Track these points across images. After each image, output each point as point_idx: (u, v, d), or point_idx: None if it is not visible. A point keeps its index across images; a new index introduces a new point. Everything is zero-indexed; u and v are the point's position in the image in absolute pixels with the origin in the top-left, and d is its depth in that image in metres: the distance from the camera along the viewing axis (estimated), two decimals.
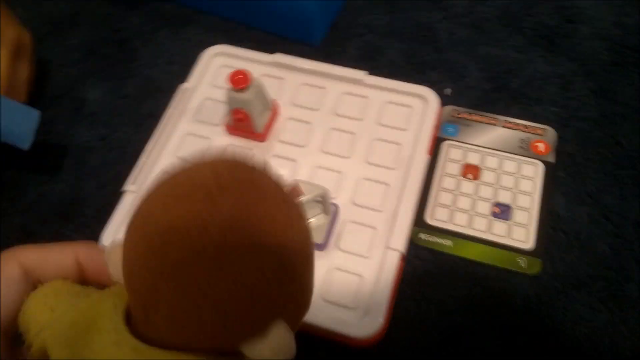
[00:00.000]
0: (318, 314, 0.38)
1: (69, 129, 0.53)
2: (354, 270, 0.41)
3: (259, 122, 0.46)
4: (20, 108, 0.44)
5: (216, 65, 0.52)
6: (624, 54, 0.53)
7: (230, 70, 0.46)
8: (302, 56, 0.52)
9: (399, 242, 0.41)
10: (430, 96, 0.48)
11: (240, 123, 0.46)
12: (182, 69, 0.55)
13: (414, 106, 0.48)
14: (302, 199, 0.39)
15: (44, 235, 0.47)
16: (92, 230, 0.45)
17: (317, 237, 0.41)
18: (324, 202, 0.41)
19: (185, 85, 0.51)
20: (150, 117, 0.52)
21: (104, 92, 0.55)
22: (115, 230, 0.43)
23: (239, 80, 0.43)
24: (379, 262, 0.41)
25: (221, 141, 0.48)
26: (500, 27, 0.56)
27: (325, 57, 0.52)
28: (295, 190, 0.39)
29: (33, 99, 0.53)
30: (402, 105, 0.48)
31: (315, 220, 0.42)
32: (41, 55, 0.58)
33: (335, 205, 0.43)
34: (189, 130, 0.49)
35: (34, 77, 0.53)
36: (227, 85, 0.43)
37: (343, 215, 0.43)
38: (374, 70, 0.52)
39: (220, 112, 0.49)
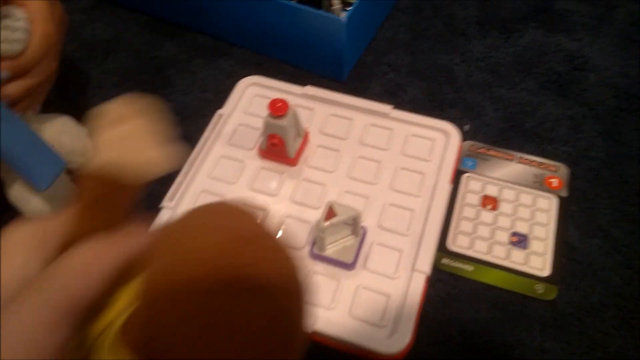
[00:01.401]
0: (346, 329, 0.40)
1: None
2: (381, 290, 0.43)
3: (292, 147, 0.49)
4: (50, 153, 0.42)
5: (250, 94, 0.56)
6: (629, 100, 0.57)
7: (263, 100, 0.49)
8: (329, 90, 0.55)
9: (425, 264, 0.43)
10: (452, 130, 0.51)
11: (274, 148, 0.49)
12: (215, 97, 0.58)
13: (437, 139, 0.51)
14: (335, 220, 0.41)
15: None
16: None
17: (346, 257, 0.43)
18: (355, 224, 0.43)
19: (221, 111, 0.54)
20: (185, 141, 0.55)
21: None
22: None
23: (279, 108, 0.46)
24: (405, 282, 0.43)
25: (254, 164, 0.51)
26: (514, 71, 0.60)
27: (350, 92, 0.56)
28: (330, 211, 0.42)
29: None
30: (425, 137, 0.52)
31: (344, 241, 0.44)
32: (78, 78, 0.61)
33: (363, 227, 0.45)
34: (224, 153, 0.51)
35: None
36: (266, 111, 0.46)
37: (370, 237, 0.45)
38: (397, 106, 0.55)
39: (253, 138, 0.52)
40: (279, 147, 0.48)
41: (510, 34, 0.63)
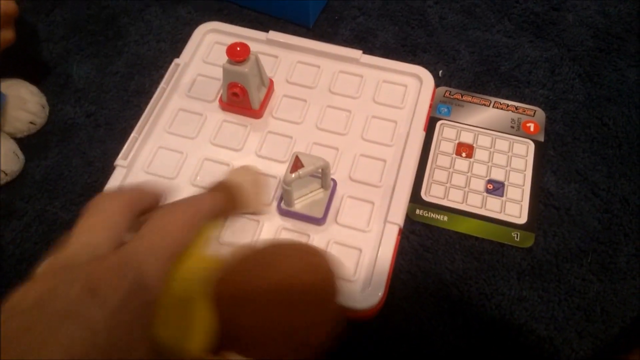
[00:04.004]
0: None
1: (54, 105, 0.51)
2: (352, 244, 0.40)
3: (255, 98, 0.46)
4: None
5: (209, 42, 0.52)
6: (608, 41, 0.54)
7: (223, 47, 0.45)
8: (297, 35, 0.52)
9: (397, 216, 0.41)
10: (425, 75, 0.48)
11: (236, 98, 0.45)
12: (171, 47, 0.54)
13: (409, 85, 0.49)
14: (302, 171, 0.38)
15: (28, 213, 0.45)
16: (80, 207, 0.43)
17: (316, 212, 0.41)
18: (324, 176, 0.41)
19: (178, 61, 0.50)
20: (138, 94, 0.51)
21: (90, 69, 0.53)
22: None
23: (239, 52, 0.43)
24: (377, 235, 0.41)
25: (215, 117, 0.47)
26: (490, 12, 0.57)
27: (318, 38, 0.52)
28: (296, 162, 0.39)
29: (17, 72, 0.51)
30: (398, 84, 0.49)
31: (313, 195, 0.42)
32: (24, 31, 0.55)
33: (333, 180, 0.43)
34: (182, 106, 0.48)
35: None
36: (224, 58, 0.43)
37: (341, 190, 0.43)
38: (368, 52, 0.52)
39: (213, 89, 0.49)
40: (241, 97, 0.45)
41: None
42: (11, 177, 0.46)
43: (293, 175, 0.38)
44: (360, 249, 0.40)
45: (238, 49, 0.43)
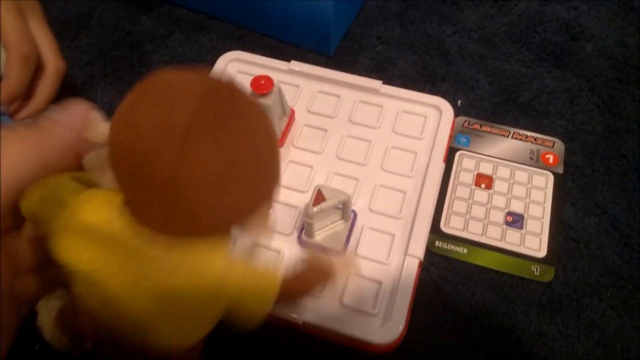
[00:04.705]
0: (337, 319, 0.38)
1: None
2: (372, 277, 0.41)
3: (277, 128, 0.47)
4: None
5: (232, 71, 0.53)
6: (627, 71, 0.55)
7: (246, 77, 0.47)
8: (315, 65, 0.53)
9: (418, 248, 0.41)
10: (444, 106, 0.49)
11: None
12: None
13: (429, 116, 0.49)
14: (324, 204, 0.39)
15: None
16: None
17: (336, 244, 0.41)
18: (345, 208, 0.41)
19: None
20: None
21: (114, 96, 0.55)
22: None
23: (263, 86, 0.43)
24: (397, 268, 0.41)
25: None
26: (509, 42, 0.57)
27: (337, 67, 0.53)
28: (318, 196, 0.40)
29: None
30: (417, 114, 0.49)
31: (334, 227, 0.42)
32: None
33: (353, 212, 0.43)
34: None
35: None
36: (249, 89, 0.44)
37: (361, 221, 0.43)
38: (387, 81, 0.53)
39: None
40: None
41: (505, 2, 0.60)
42: None
43: (315, 208, 0.39)
44: (381, 281, 0.41)
45: (262, 82, 0.44)
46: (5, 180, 0.22)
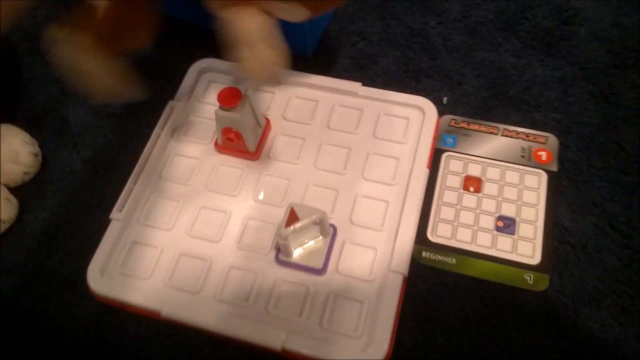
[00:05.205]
0: (317, 345, 0.36)
1: (51, 152, 0.51)
2: (354, 296, 0.39)
3: (251, 140, 0.44)
4: None
5: (204, 81, 0.50)
6: (624, 55, 0.51)
7: (219, 85, 0.44)
8: (293, 68, 0.50)
9: (402, 263, 0.39)
10: (427, 107, 0.46)
11: (231, 142, 0.44)
12: (169, 84, 0.53)
13: (411, 117, 0.46)
14: (298, 225, 0.37)
15: (28, 268, 0.45)
16: (79, 261, 0.43)
17: (315, 262, 0.39)
18: (322, 225, 0.39)
19: (172, 102, 0.48)
20: (136, 137, 0.50)
21: (86, 113, 0.53)
22: (103, 261, 0.41)
23: (229, 99, 0.41)
24: (380, 286, 0.39)
25: (212, 161, 0.46)
26: (496, 31, 0.54)
27: (316, 68, 0.51)
28: (291, 215, 0.37)
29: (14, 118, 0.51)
30: (399, 117, 0.47)
31: (313, 244, 0.40)
32: (19, 72, 0.55)
33: (333, 226, 0.41)
34: (177, 150, 0.47)
35: None
36: (216, 103, 0.41)
37: (342, 236, 0.41)
38: (368, 80, 0.50)
39: (210, 131, 0.47)
40: (236, 141, 0.44)
41: None
42: (9, 224, 0.46)
43: (288, 229, 0.37)
44: (363, 301, 0.38)
45: (229, 94, 0.41)
46: None
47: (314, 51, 0.54)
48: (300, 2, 0.39)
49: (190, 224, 0.43)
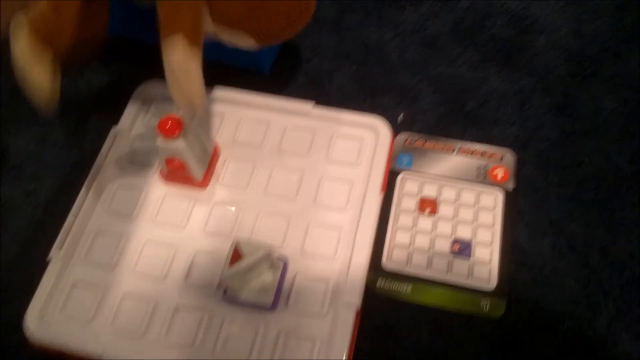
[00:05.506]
0: None
1: None
2: (306, 334, 0.37)
3: (197, 168, 0.42)
4: None
5: (149, 104, 0.48)
6: (583, 64, 0.50)
7: (166, 108, 0.42)
8: (248, 85, 0.48)
9: (354, 295, 0.38)
10: (381, 127, 0.45)
11: (176, 172, 0.42)
12: (114, 108, 0.50)
13: (365, 138, 0.45)
14: (243, 263, 0.35)
15: None
16: (15, 305, 0.40)
17: (265, 299, 0.38)
18: (270, 260, 0.37)
19: (116, 128, 0.46)
20: (79, 166, 0.47)
21: (28, 140, 0.50)
22: (41, 307, 0.39)
23: (169, 128, 0.39)
24: (333, 321, 0.37)
25: (157, 191, 0.44)
26: (454, 42, 0.52)
27: (272, 86, 0.49)
28: (235, 253, 0.36)
29: None
30: (352, 138, 0.45)
31: (262, 279, 0.38)
32: None
33: (283, 258, 0.40)
34: (121, 181, 0.45)
35: None
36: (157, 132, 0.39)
37: (292, 268, 0.40)
38: (324, 97, 0.48)
39: (155, 158, 0.45)
40: (181, 171, 0.42)
41: None
42: None
43: (233, 269, 0.35)
44: (315, 339, 0.37)
45: (169, 124, 0.39)
46: None
47: (272, 67, 0.52)
48: (245, 33, 0.38)
49: (134, 261, 0.41)
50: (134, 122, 0.47)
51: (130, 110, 0.47)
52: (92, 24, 0.41)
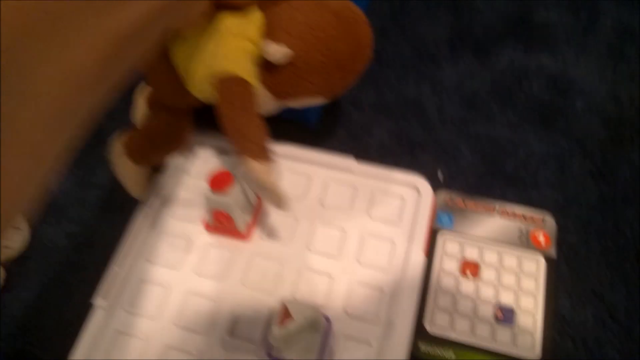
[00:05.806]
0: None
1: (36, 225, 0.48)
2: None
3: (242, 221, 0.43)
4: None
5: (195, 155, 0.49)
6: (620, 130, 0.51)
7: (210, 159, 0.43)
8: (289, 137, 0.49)
9: None
10: (423, 186, 0.45)
11: (221, 224, 0.42)
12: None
13: (407, 197, 0.45)
14: (292, 325, 0.35)
15: (6, 353, 0.42)
16: (59, 348, 0.40)
17: (309, 358, 0.37)
18: (315, 321, 0.37)
19: (161, 175, 0.47)
20: (122, 210, 0.48)
21: (71, 182, 0.51)
22: (87, 351, 0.39)
23: (220, 183, 0.40)
24: None
25: (201, 241, 0.44)
26: (491, 102, 0.53)
27: (312, 139, 0.50)
28: (285, 313, 0.36)
29: None
30: (394, 195, 0.45)
31: (306, 338, 0.38)
32: None
33: (327, 319, 0.39)
34: (165, 229, 0.45)
35: None
36: (207, 187, 0.40)
37: (335, 328, 0.40)
38: (363, 152, 0.49)
39: (199, 207, 0.46)
40: (226, 223, 0.42)
41: (485, 56, 0.56)
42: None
43: (282, 330, 0.35)
44: None
45: (220, 178, 0.40)
46: None
47: (319, 120, 0.53)
48: (320, 96, 0.43)
49: (177, 313, 0.41)
50: (178, 171, 0.48)
51: (176, 159, 0.48)
52: (177, 139, 0.46)
